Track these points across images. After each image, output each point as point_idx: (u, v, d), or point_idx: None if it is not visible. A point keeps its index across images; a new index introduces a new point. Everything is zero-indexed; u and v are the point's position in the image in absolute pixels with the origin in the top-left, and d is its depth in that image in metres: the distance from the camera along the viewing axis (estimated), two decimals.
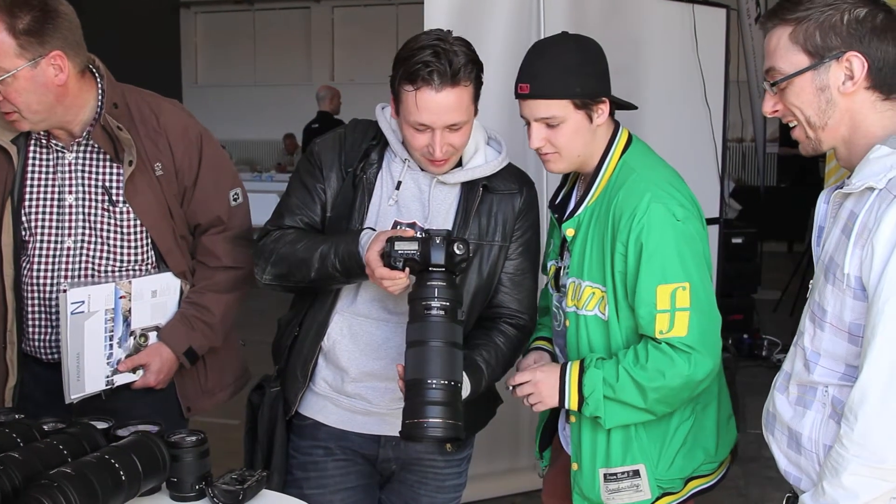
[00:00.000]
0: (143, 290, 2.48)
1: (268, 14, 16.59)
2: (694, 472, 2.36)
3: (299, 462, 2.40)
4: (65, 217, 2.44)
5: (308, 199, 2.33)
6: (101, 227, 2.45)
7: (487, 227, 2.32)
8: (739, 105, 8.63)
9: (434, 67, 2.12)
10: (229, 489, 1.95)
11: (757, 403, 2.14)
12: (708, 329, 2.22)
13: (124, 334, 2.47)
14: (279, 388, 2.40)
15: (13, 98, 2.30)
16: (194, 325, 2.55)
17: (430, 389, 2.02)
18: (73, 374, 2.38)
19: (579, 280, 2.30)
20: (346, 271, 2.20)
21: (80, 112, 2.42)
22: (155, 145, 2.48)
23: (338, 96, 9.94)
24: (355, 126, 2.39)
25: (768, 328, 7.01)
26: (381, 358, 2.31)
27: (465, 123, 2.21)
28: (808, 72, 1.78)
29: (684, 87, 4.76)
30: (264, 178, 11.20)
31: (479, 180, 2.32)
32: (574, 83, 2.22)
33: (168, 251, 2.52)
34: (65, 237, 2.45)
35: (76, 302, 2.34)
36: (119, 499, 1.77)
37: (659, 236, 2.17)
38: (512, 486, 4.51)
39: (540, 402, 2.30)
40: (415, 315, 2.08)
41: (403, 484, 2.45)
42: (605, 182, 2.30)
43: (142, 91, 2.57)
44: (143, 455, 1.84)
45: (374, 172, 2.31)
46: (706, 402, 2.38)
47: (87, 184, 2.45)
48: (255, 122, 15.40)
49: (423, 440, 2.09)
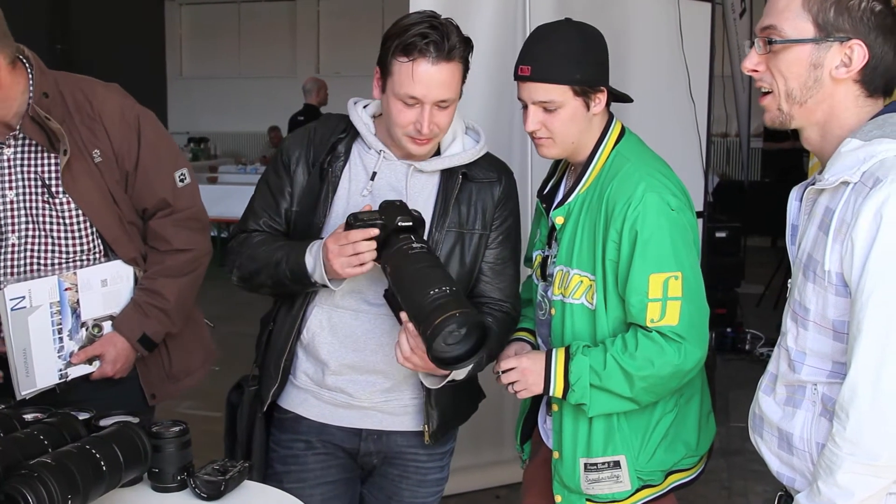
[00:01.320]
0: (90, 280, 2.44)
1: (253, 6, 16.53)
2: (675, 465, 2.36)
3: (280, 455, 2.39)
4: (7, 213, 2.40)
5: (271, 201, 2.35)
6: (44, 220, 2.41)
7: (467, 216, 2.32)
8: (724, 100, 8.67)
9: (432, 39, 2.14)
10: (211, 480, 1.94)
11: (740, 397, 2.15)
12: (698, 319, 2.24)
13: (74, 326, 2.43)
14: (257, 387, 2.40)
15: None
16: (147, 312, 2.52)
17: (435, 298, 1.99)
18: (21, 370, 2.34)
19: (567, 268, 2.31)
20: (295, 280, 2.23)
21: (13, 104, 2.35)
22: (91, 132, 2.42)
23: (324, 89, 9.88)
24: (326, 120, 2.40)
25: (752, 322, 7.05)
26: (360, 350, 2.30)
27: (453, 102, 2.23)
28: (810, 44, 1.73)
29: (669, 82, 4.77)
30: (249, 170, 11.14)
31: (457, 168, 2.32)
32: (575, 70, 2.24)
33: (114, 239, 2.47)
34: (8, 234, 2.40)
35: (15, 298, 2.31)
36: (100, 489, 1.76)
37: (654, 225, 2.18)
38: (495, 478, 4.51)
39: (525, 389, 2.31)
40: (397, 263, 2.08)
41: (385, 478, 2.44)
42: (597, 171, 2.32)
43: (76, 77, 2.50)
44: (125, 445, 1.83)
45: (341, 166, 2.31)
46: (690, 395, 2.39)
47: (25, 178, 2.40)
48: (240, 115, 15.34)
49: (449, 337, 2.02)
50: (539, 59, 2.25)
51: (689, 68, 4.79)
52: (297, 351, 2.36)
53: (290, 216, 2.34)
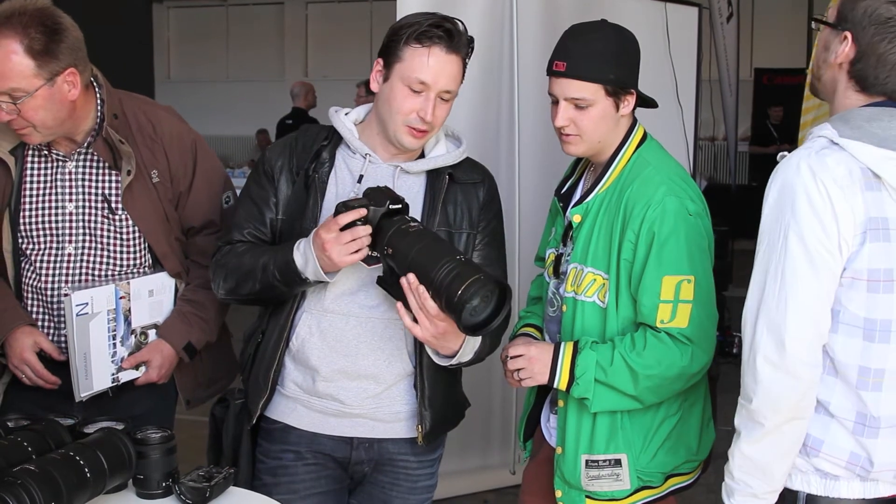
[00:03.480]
0: (140, 290, 2.55)
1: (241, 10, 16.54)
2: (675, 469, 2.38)
3: (268, 467, 2.37)
4: (66, 224, 2.48)
5: (255, 212, 2.35)
6: (101, 233, 2.50)
7: (454, 216, 2.33)
8: (711, 104, 8.68)
9: (446, 30, 2.20)
10: (196, 486, 1.94)
11: (728, 401, 2.16)
12: (707, 324, 2.26)
13: (126, 333, 2.53)
14: (244, 401, 2.39)
15: (30, 116, 2.32)
16: (191, 322, 2.61)
17: (451, 269, 2.01)
18: (81, 373, 2.44)
19: (581, 266, 2.32)
20: (284, 280, 2.22)
21: (84, 122, 2.46)
22: (151, 153, 2.54)
23: (312, 92, 9.86)
24: (306, 130, 2.42)
25: (739, 326, 7.03)
26: (351, 354, 2.29)
27: (453, 97, 2.27)
28: (828, 28, 1.92)
29: (656, 86, 4.73)
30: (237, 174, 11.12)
31: (443, 169, 2.34)
32: (609, 69, 2.26)
33: (164, 254, 2.58)
34: (65, 243, 2.48)
35: (80, 304, 2.40)
36: (84, 496, 1.76)
37: (671, 228, 2.21)
38: (483, 483, 4.50)
39: (530, 377, 2.32)
40: (399, 243, 2.09)
41: (376, 486, 2.43)
42: (617, 172, 2.34)
43: (138, 98, 2.62)
44: (109, 452, 1.83)
45: (327, 171, 2.32)
46: (694, 400, 2.40)
47: (86, 192, 2.49)
48: (227, 118, 15.35)
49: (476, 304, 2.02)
50: (575, 56, 2.27)
51: (676, 72, 4.81)
52: (284, 361, 2.35)
53: (275, 225, 2.34)
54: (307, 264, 2.17)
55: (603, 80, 2.26)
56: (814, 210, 1.75)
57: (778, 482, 1.89)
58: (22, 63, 2.26)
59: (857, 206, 1.75)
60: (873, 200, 1.76)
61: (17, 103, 2.29)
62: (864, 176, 1.76)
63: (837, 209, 1.75)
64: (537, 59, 3.74)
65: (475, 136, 4.16)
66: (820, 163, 1.77)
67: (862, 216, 1.75)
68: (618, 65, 2.28)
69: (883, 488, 1.85)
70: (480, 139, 4.13)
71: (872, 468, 1.82)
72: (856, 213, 1.75)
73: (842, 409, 1.83)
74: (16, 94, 2.28)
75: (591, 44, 2.28)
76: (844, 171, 1.75)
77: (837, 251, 1.76)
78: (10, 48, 2.25)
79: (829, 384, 1.83)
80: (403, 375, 2.31)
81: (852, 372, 1.81)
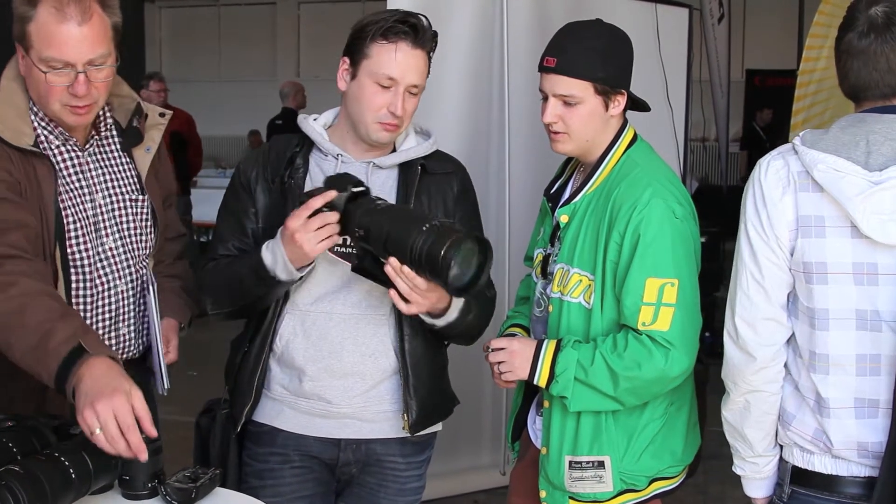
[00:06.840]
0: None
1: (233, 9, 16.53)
2: (659, 472, 2.37)
3: (255, 470, 2.37)
4: (98, 216, 2.35)
5: (236, 225, 2.36)
6: (128, 219, 2.40)
7: (429, 207, 2.35)
8: (702, 105, 8.69)
9: (411, 26, 2.23)
10: (182, 487, 1.93)
11: (718, 401, 2.17)
12: (689, 328, 2.25)
13: None
14: (230, 410, 2.38)
15: (102, 89, 2.24)
16: (180, 295, 2.59)
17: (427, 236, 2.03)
18: (165, 371, 2.40)
19: (568, 266, 2.32)
20: (258, 283, 2.23)
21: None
22: None
23: (301, 92, 9.81)
24: (276, 140, 2.46)
25: None
26: (336, 352, 2.29)
27: (420, 91, 2.30)
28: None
29: (646, 87, 4.72)
30: (229, 174, 11.08)
31: (415, 161, 2.36)
32: (599, 68, 2.26)
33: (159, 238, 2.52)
34: (104, 237, 2.36)
35: (154, 299, 2.37)
36: (69, 497, 1.75)
37: (657, 230, 2.20)
38: (473, 483, 4.50)
39: (510, 371, 2.32)
40: (370, 222, 2.10)
41: (363, 488, 2.42)
42: (606, 173, 2.33)
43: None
44: (94, 453, 1.81)
45: (302, 176, 2.33)
46: (680, 404, 2.40)
47: (109, 181, 2.39)
48: (219, 118, 15.30)
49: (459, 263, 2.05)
50: (565, 53, 2.27)
51: (667, 73, 4.81)
52: (269, 365, 2.35)
53: (257, 235, 2.34)
54: (276, 262, 2.18)
55: (592, 77, 2.26)
56: (755, 206, 1.99)
57: (758, 448, 2.09)
58: (107, 27, 2.23)
59: (788, 205, 1.94)
60: (809, 200, 1.92)
61: (101, 69, 2.20)
62: (802, 179, 1.93)
63: (771, 208, 1.96)
64: (528, 60, 3.73)
65: (466, 136, 4.16)
66: (771, 165, 1.98)
67: (792, 214, 1.94)
68: (608, 64, 2.28)
69: (856, 468, 1.96)
70: (471, 139, 4.14)
71: (832, 446, 1.96)
72: (787, 211, 1.94)
73: (805, 389, 2.00)
74: (99, 62, 2.19)
75: (582, 41, 2.28)
76: (784, 174, 1.96)
77: (776, 244, 1.96)
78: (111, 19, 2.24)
79: (799, 365, 2.01)
80: (389, 372, 2.32)
81: (806, 356, 1.98)
